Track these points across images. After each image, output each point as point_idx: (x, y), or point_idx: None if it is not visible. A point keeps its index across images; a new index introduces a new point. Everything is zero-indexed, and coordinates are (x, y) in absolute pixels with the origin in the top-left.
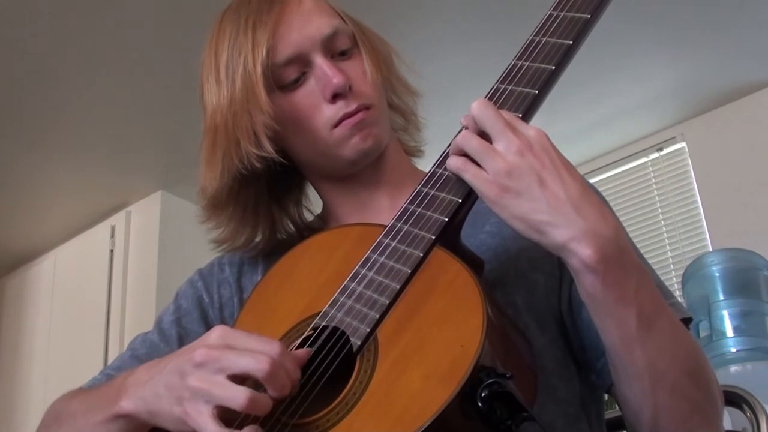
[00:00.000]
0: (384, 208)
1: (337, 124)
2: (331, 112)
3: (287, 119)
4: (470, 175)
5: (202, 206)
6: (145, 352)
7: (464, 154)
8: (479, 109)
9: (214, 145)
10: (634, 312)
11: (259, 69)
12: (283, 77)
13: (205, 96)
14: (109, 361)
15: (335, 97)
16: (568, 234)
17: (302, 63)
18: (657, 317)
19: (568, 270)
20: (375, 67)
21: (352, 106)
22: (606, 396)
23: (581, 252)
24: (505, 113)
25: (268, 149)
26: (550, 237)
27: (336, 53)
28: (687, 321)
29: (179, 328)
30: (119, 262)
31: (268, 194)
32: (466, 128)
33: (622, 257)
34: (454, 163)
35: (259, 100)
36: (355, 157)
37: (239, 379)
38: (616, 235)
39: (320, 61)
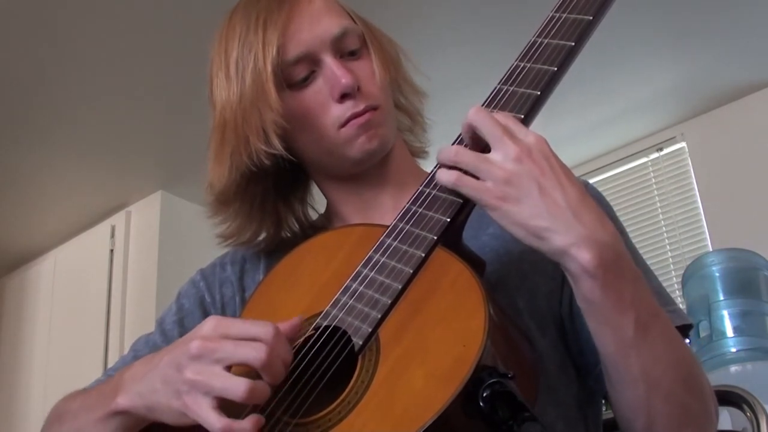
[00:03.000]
0: (388, 208)
1: (344, 124)
2: (338, 111)
3: (295, 117)
4: (468, 188)
5: (209, 201)
6: (147, 353)
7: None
8: (476, 116)
9: (222, 142)
10: (632, 318)
11: (269, 67)
12: (293, 76)
13: (214, 92)
14: (110, 362)
15: (343, 97)
16: (568, 240)
17: (311, 62)
18: (653, 324)
19: None
20: (383, 68)
21: (360, 107)
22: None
23: (580, 257)
24: (505, 116)
25: (278, 146)
26: (551, 243)
27: (345, 53)
28: (687, 327)
29: (181, 329)
30: (119, 262)
31: (275, 191)
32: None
33: (619, 263)
34: (447, 177)
35: (269, 97)
36: (361, 157)
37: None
38: (613, 241)
39: (329, 61)
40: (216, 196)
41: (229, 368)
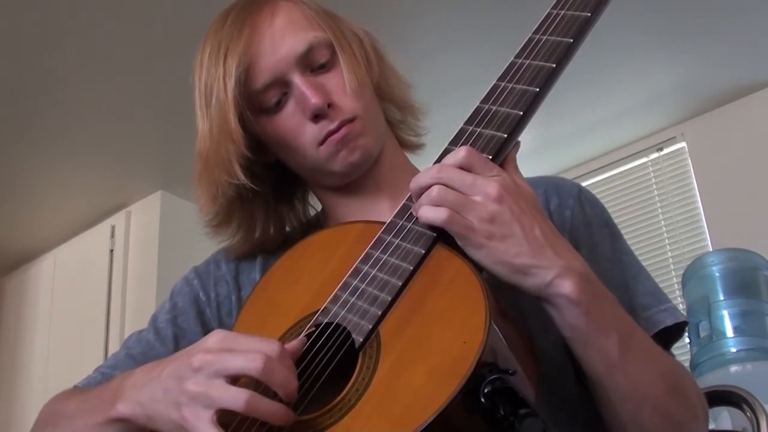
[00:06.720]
0: (384, 210)
1: (322, 142)
2: (314, 131)
3: (275, 141)
4: (459, 226)
5: (204, 225)
6: (140, 351)
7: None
8: (444, 173)
9: (201, 173)
10: (615, 338)
11: (230, 98)
12: (265, 102)
13: (196, 117)
14: None
15: (316, 117)
16: (552, 273)
17: (281, 84)
18: (633, 339)
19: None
20: (355, 76)
21: (335, 123)
22: None
23: (565, 288)
24: (469, 156)
25: (242, 178)
26: (537, 278)
27: (315, 67)
28: (683, 324)
29: (175, 327)
30: (119, 262)
31: (274, 196)
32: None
33: (595, 287)
34: (440, 215)
35: (230, 128)
36: (345, 170)
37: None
38: (585, 267)
39: (298, 81)
40: (207, 222)
41: (234, 381)
